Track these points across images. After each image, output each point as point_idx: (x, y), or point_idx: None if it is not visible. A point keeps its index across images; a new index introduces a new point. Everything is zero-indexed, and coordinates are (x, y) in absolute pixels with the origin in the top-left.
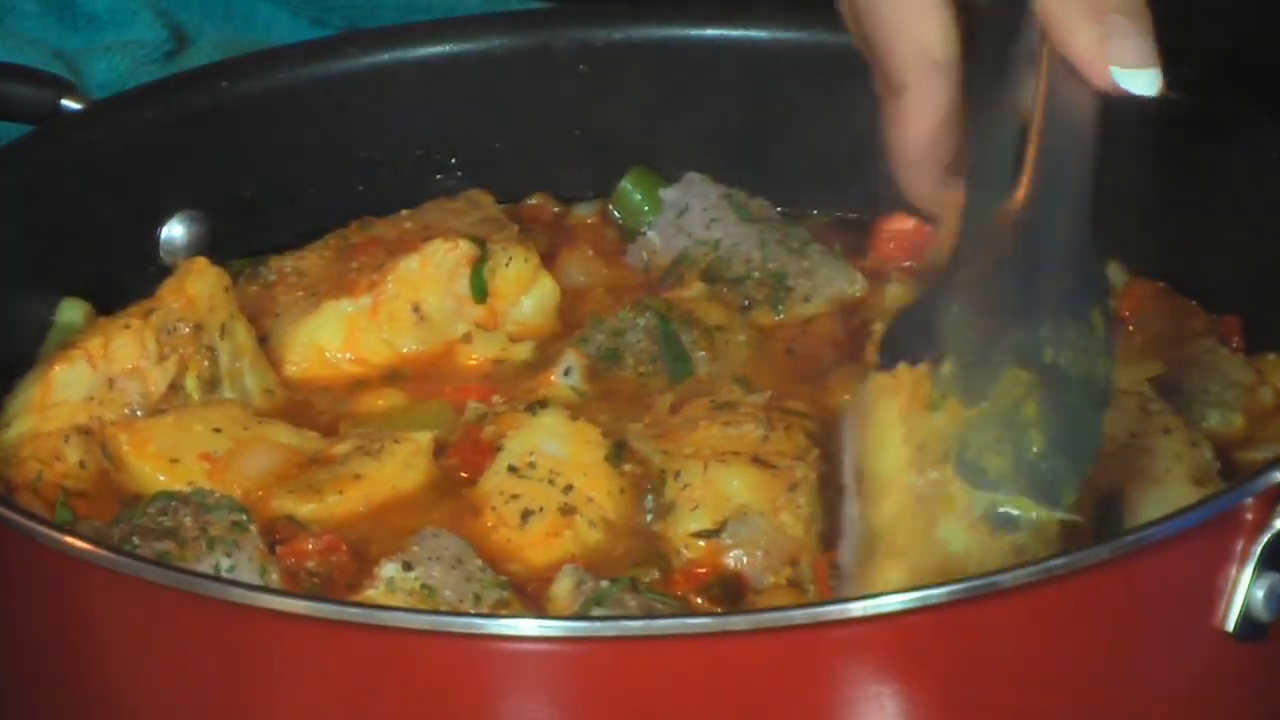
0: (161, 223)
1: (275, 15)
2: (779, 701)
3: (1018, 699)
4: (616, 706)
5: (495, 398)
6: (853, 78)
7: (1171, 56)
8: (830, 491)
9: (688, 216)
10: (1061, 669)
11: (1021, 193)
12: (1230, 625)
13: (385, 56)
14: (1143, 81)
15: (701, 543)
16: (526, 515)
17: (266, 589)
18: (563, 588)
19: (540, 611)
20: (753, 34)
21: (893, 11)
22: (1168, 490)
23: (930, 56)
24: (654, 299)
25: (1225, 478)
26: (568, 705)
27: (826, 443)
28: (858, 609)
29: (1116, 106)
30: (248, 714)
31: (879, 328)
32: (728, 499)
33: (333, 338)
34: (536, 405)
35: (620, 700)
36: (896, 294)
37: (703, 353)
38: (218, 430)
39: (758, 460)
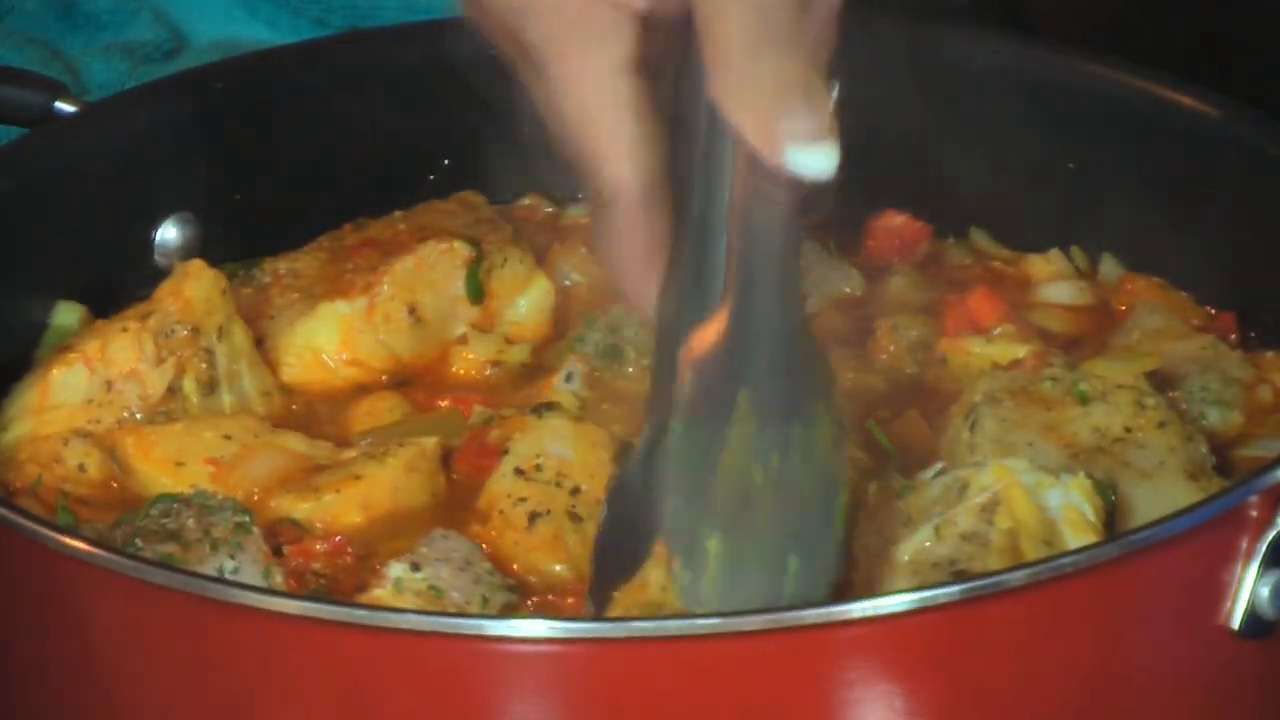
0: (155, 225)
1: (276, 15)
2: (784, 702)
3: (1023, 698)
4: (622, 707)
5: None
6: (846, 77)
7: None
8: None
9: None
10: (1067, 667)
11: (723, 307)
12: (1236, 623)
13: (379, 58)
14: (816, 160)
15: None
16: (534, 518)
17: (270, 590)
18: None
19: (549, 614)
20: None
21: (584, 142)
22: (1162, 484)
23: (630, 192)
24: None
25: (1221, 474)
26: (573, 706)
27: None
28: (863, 609)
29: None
30: (249, 715)
31: (884, 324)
32: None
33: (329, 340)
34: (543, 407)
35: (626, 701)
36: (900, 286)
37: None
38: (228, 437)
39: None
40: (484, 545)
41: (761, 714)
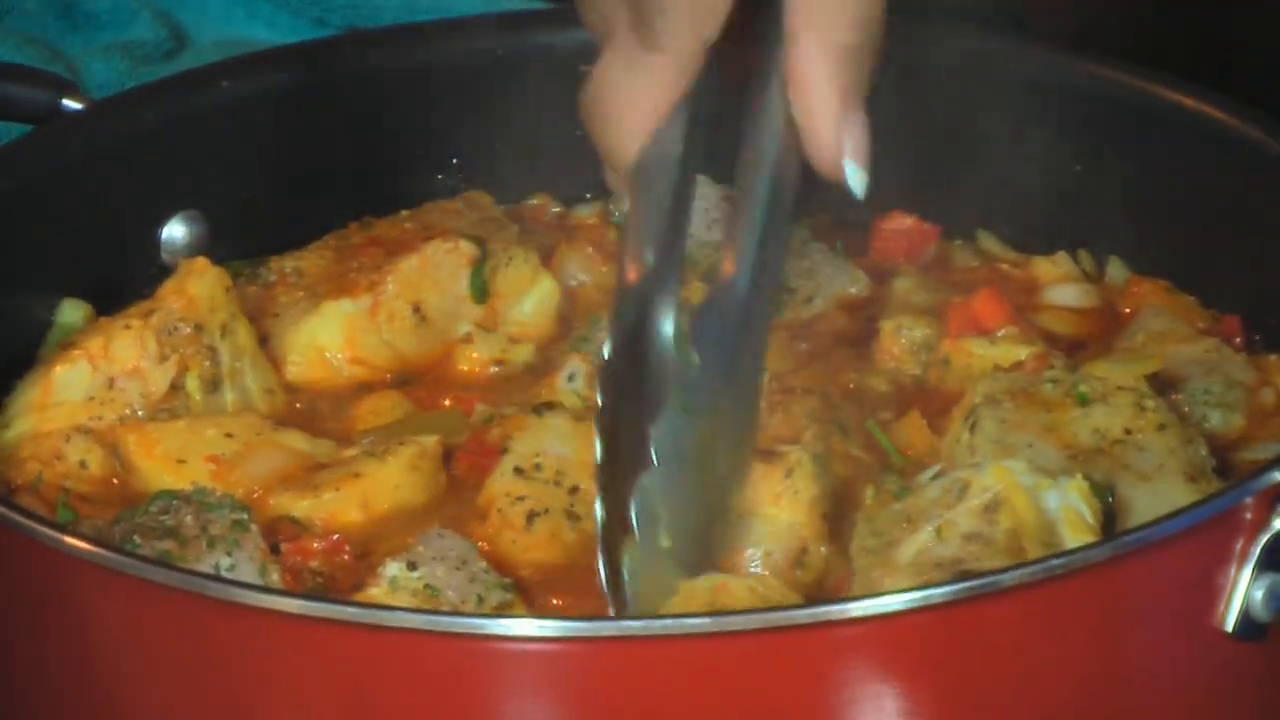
0: (162, 223)
1: (276, 15)
2: (779, 701)
3: (1018, 698)
4: (616, 707)
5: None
6: None
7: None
8: (836, 467)
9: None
10: (1061, 668)
11: (730, 260)
12: (1230, 625)
13: (385, 57)
14: (861, 180)
15: None
16: (532, 517)
17: (266, 588)
18: None
19: (544, 613)
20: None
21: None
22: (1161, 486)
23: (704, 30)
24: None
25: (1222, 476)
26: (567, 705)
27: (831, 417)
28: (858, 609)
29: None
30: (247, 713)
31: (888, 325)
32: None
33: (333, 338)
34: (543, 407)
35: (620, 700)
36: (906, 287)
37: None
38: (230, 435)
39: (757, 451)
40: (483, 543)
41: (759, 713)
